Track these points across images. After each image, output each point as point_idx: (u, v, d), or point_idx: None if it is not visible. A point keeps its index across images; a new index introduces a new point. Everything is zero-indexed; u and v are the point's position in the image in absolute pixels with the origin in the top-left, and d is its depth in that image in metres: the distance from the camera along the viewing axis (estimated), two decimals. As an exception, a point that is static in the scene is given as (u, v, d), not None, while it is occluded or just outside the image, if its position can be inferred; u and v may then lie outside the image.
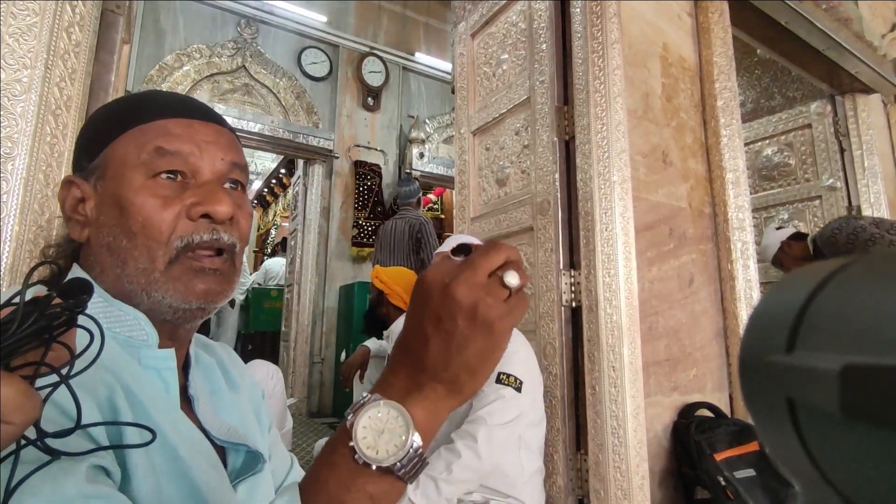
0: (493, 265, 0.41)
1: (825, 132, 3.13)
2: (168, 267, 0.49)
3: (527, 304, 0.42)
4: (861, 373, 0.14)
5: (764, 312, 0.22)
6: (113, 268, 0.50)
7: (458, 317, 0.40)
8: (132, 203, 0.49)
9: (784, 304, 0.20)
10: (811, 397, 0.17)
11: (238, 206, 0.54)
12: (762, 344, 0.21)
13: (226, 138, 0.56)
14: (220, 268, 0.52)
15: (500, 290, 0.40)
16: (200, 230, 0.50)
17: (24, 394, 0.26)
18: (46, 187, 0.91)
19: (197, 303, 0.50)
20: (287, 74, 4.44)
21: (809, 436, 0.18)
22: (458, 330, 0.40)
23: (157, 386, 0.49)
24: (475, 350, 0.41)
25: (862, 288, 0.17)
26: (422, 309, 0.43)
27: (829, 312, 0.18)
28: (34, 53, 0.90)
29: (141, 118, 0.52)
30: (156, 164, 0.50)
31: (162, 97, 0.56)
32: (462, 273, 0.41)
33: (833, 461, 0.17)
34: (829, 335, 0.17)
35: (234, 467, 0.55)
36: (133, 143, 0.51)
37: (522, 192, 1.87)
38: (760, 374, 0.20)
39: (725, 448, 1.48)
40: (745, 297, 1.83)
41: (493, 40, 2.15)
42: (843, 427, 0.16)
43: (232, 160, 0.55)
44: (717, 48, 2.01)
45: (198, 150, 0.52)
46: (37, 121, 0.89)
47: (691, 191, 1.89)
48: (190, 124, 0.53)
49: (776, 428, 0.20)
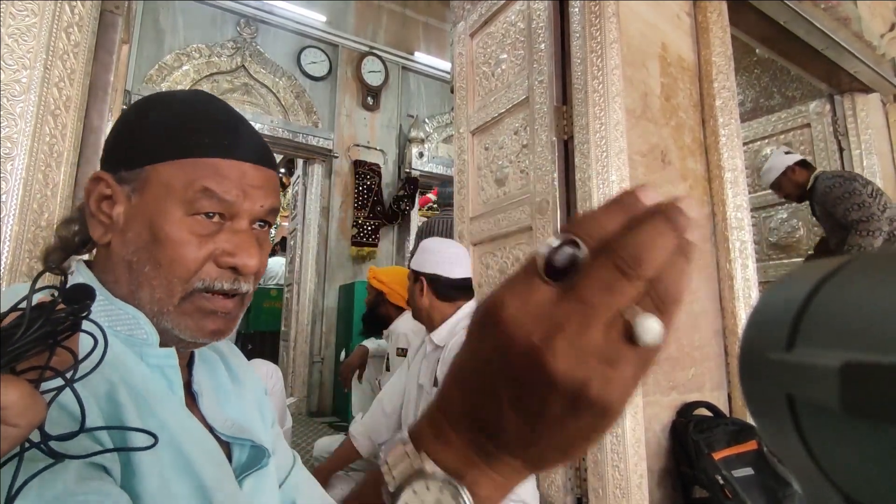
0: (622, 301, 0.23)
1: (824, 132, 3.14)
2: (181, 303, 0.50)
3: (658, 351, 0.24)
4: (861, 370, 0.14)
5: (764, 310, 0.22)
6: (128, 284, 0.50)
7: (553, 400, 0.24)
8: (167, 236, 0.49)
9: (784, 302, 0.20)
10: (811, 394, 0.17)
11: (260, 247, 0.54)
12: (762, 341, 0.21)
13: (271, 183, 0.55)
14: (232, 311, 0.53)
15: (625, 353, 0.23)
16: (224, 279, 0.51)
17: (30, 397, 0.26)
18: (45, 187, 0.92)
19: (203, 339, 0.52)
20: (286, 74, 4.44)
21: (809, 433, 0.18)
22: (551, 413, 0.24)
23: (161, 383, 0.50)
24: (574, 431, 0.25)
25: (862, 286, 0.17)
26: (494, 367, 0.25)
27: (829, 310, 0.18)
28: (33, 54, 0.90)
29: (196, 151, 0.51)
30: (200, 204, 0.50)
31: (222, 130, 0.53)
32: (565, 327, 0.23)
33: (833, 458, 0.18)
34: (830, 332, 0.17)
35: (239, 462, 0.55)
36: (182, 175, 0.50)
37: (521, 192, 1.87)
38: (761, 372, 0.20)
39: (724, 447, 1.48)
40: (743, 296, 1.84)
41: (492, 40, 2.15)
42: (843, 424, 0.16)
43: (271, 206, 0.55)
44: (715, 48, 2.01)
45: (243, 196, 0.52)
46: (36, 121, 0.90)
47: (690, 190, 1.89)
48: (242, 168, 0.52)
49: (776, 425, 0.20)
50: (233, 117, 0.56)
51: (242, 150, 0.53)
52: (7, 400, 0.25)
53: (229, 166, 0.52)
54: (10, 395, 0.25)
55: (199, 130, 0.52)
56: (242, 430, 0.55)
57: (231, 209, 0.52)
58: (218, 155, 0.51)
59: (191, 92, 0.58)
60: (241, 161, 0.53)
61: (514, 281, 0.25)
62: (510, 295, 0.24)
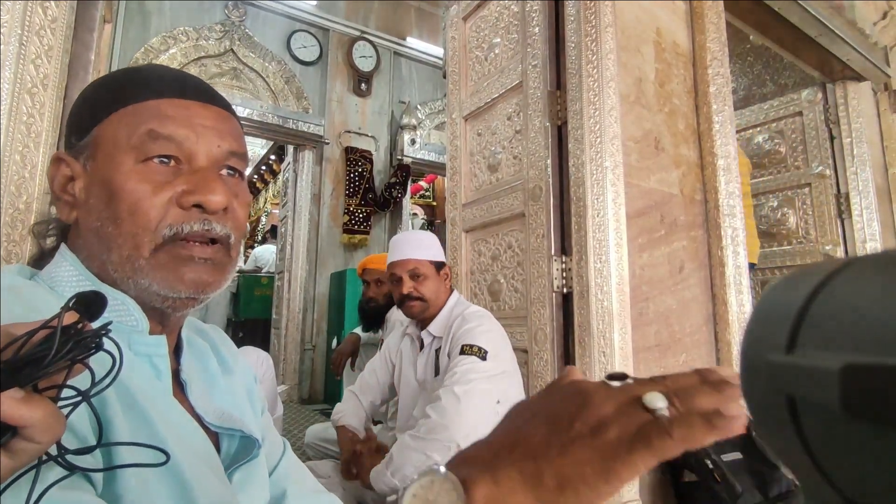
0: (648, 390, 0.33)
1: (816, 120, 3.15)
2: (153, 254, 0.47)
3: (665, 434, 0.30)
4: (861, 372, 0.15)
5: (765, 311, 0.22)
6: (99, 254, 0.48)
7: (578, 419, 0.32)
8: (121, 188, 0.47)
9: (785, 304, 0.20)
10: (812, 396, 0.17)
11: (234, 195, 0.52)
12: (763, 342, 0.21)
13: (227, 124, 0.53)
14: (212, 257, 0.50)
15: (635, 411, 0.32)
16: (191, 220, 0.48)
17: (53, 416, 0.27)
18: (23, 168, 0.89)
19: (186, 292, 0.48)
20: (276, 58, 4.37)
21: (810, 434, 0.18)
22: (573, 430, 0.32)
23: (148, 373, 0.48)
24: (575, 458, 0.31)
25: (862, 288, 0.18)
26: (551, 398, 0.36)
27: (830, 312, 0.18)
28: (7, 28, 0.86)
29: (134, 96, 0.49)
30: (147, 147, 0.48)
31: (159, 73, 0.52)
32: (611, 389, 0.34)
33: (833, 459, 0.18)
34: (830, 334, 0.18)
35: (228, 453, 0.54)
36: (124, 124, 0.48)
37: (514, 178, 1.86)
38: (761, 373, 0.20)
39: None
40: (734, 283, 1.85)
41: (485, 23, 2.12)
42: (843, 425, 0.16)
43: (230, 148, 0.52)
44: (710, 34, 2.00)
45: (194, 135, 0.50)
46: (11, 99, 0.86)
47: (683, 177, 1.89)
48: (187, 106, 0.50)
49: (777, 426, 0.20)
50: (181, 71, 0.55)
51: (187, 90, 0.51)
52: (32, 418, 0.26)
53: (172, 105, 0.50)
54: (36, 414, 0.26)
55: (140, 79, 0.51)
56: (232, 419, 0.54)
57: (183, 150, 0.49)
58: (159, 96, 0.50)
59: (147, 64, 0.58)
60: (187, 100, 0.51)
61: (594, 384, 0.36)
62: (591, 384, 0.35)
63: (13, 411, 0.25)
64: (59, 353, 0.27)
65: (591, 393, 0.33)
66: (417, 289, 1.50)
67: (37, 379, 0.27)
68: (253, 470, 0.55)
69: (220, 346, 0.63)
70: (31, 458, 0.28)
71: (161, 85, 0.50)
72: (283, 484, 0.63)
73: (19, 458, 0.27)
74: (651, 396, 0.32)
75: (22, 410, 0.26)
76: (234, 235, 0.52)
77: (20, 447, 0.27)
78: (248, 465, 0.54)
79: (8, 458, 0.27)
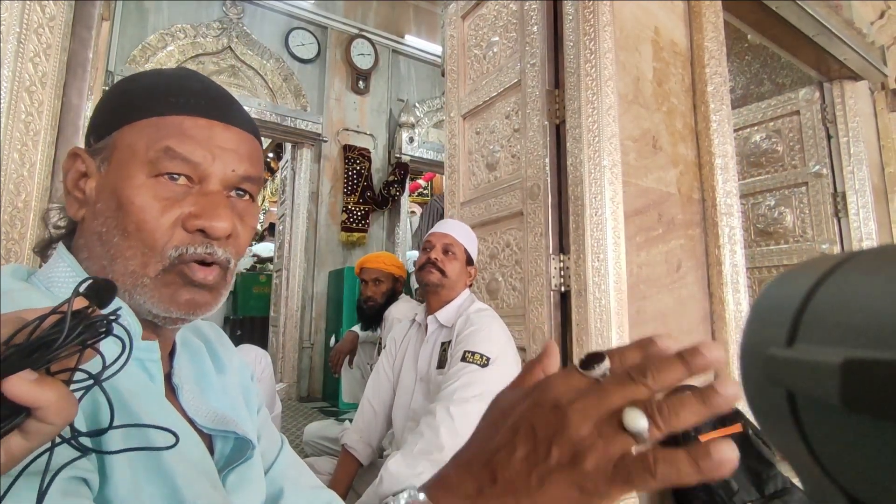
0: (626, 394, 0.30)
1: (813, 119, 3.15)
2: (161, 275, 0.48)
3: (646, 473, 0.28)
4: (861, 366, 0.15)
5: (765, 306, 0.22)
6: (100, 258, 0.48)
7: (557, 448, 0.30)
8: (130, 201, 0.47)
9: (785, 298, 0.20)
10: (812, 390, 0.17)
11: (240, 218, 0.51)
12: (763, 337, 0.21)
13: (246, 146, 0.52)
14: (210, 280, 0.50)
15: (615, 434, 0.29)
16: (195, 243, 0.48)
17: (66, 398, 0.28)
18: (22, 167, 0.88)
19: (178, 312, 0.48)
20: (274, 56, 4.36)
21: (810, 429, 0.18)
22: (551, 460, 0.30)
23: (141, 377, 0.48)
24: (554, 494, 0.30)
25: (862, 282, 0.17)
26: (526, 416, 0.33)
27: (830, 306, 0.18)
28: (6, 26, 0.86)
29: (158, 109, 0.48)
30: (162, 164, 0.47)
31: (188, 87, 0.51)
32: (585, 398, 0.31)
33: (833, 454, 0.18)
34: (830, 329, 0.17)
35: (222, 454, 0.54)
36: (144, 136, 0.48)
37: (512, 177, 1.86)
38: (761, 368, 0.20)
39: (710, 430, 1.51)
40: (731, 281, 1.85)
41: (483, 22, 2.12)
42: (843, 420, 0.16)
43: (245, 174, 0.51)
44: (708, 32, 2.00)
45: (210, 157, 0.49)
46: (10, 98, 0.86)
47: (681, 176, 1.89)
48: (210, 126, 0.49)
49: (777, 421, 0.20)
50: (210, 85, 0.53)
51: (213, 110, 0.50)
52: (45, 400, 0.27)
53: (195, 124, 0.49)
54: (49, 396, 0.27)
55: (166, 91, 0.50)
56: (226, 421, 0.54)
57: (198, 171, 0.49)
58: (182, 112, 0.49)
59: (175, 68, 0.57)
60: (210, 120, 0.50)
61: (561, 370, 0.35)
62: (556, 380, 0.33)
63: (27, 393, 0.26)
64: (69, 337, 0.28)
65: (567, 412, 0.30)
66: (444, 262, 1.54)
67: (49, 362, 0.27)
68: (247, 471, 0.55)
69: (216, 344, 0.63)
70: (44, 440, 0.28)
71: (186, 100, 0.50)
72: (280, 482, 0.63)
73: (33, 440, 0.28)
74: (631, 416, 0.29)
75: (35, 392, 0.26)
76: (233, 261, 0.52)
77: (34, 428, 0.27)
78: (242, 467, 0.54)
79: (23, 438, 0.27)
